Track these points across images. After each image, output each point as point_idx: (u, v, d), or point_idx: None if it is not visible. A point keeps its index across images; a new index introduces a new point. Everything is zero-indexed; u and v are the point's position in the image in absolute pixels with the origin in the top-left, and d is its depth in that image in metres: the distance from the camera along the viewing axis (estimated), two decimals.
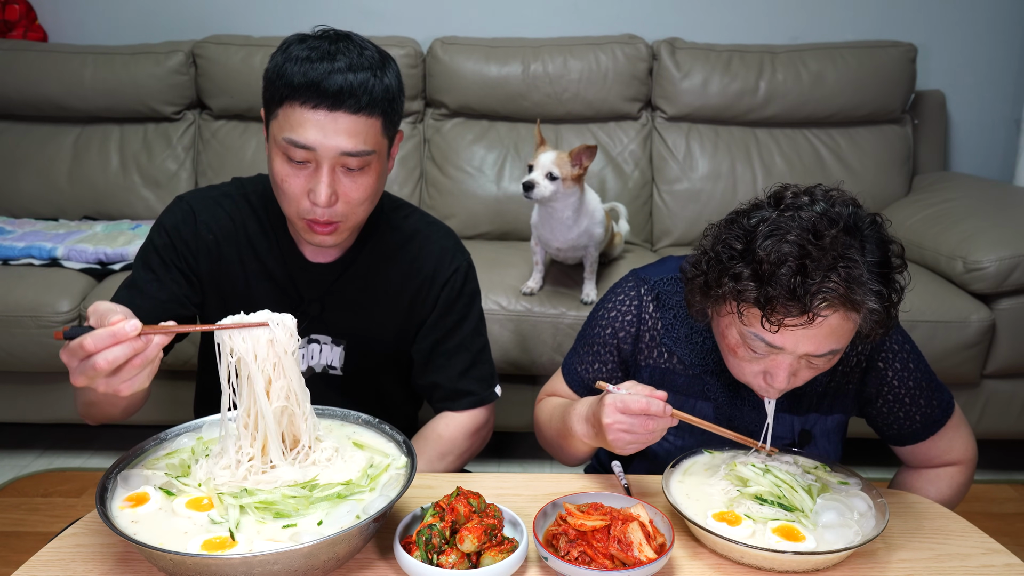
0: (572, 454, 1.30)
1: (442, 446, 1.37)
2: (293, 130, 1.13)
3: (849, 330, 1.05)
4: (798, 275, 0.99)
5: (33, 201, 2.82)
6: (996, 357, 2.27)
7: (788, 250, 1.00)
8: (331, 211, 1.18)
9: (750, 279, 1.02)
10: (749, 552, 0.96)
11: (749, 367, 1.12)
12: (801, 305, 0.99)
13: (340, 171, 1.17)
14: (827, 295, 0.98)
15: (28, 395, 2.36)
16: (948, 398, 1.29)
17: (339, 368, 1.37)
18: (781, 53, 2.87)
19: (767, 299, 1.00)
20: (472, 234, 2.82)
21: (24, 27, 2.99)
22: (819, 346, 1.04)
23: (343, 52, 1.14)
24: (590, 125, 2.91)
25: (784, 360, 1.07)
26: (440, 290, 1.36)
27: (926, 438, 1.28)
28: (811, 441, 1.26)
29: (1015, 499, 2.39)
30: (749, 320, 1.05)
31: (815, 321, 1.00)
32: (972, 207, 2.52)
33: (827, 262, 0.99)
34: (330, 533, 0.87)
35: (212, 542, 0.88)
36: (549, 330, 2.23)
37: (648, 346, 1.29)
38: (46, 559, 0.97)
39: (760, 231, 1.04)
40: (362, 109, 1.13)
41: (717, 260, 1.08)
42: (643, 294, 1.29)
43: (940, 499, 1.27)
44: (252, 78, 2.79)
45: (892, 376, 1.24)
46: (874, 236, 1.05)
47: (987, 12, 3.06)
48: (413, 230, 1.38)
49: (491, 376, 1.42)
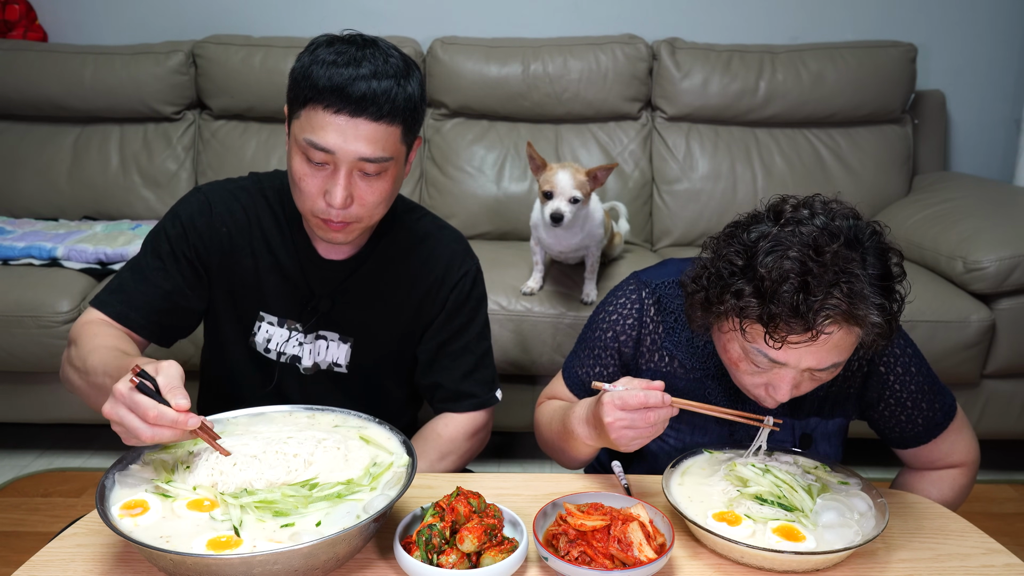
0: (574, 456, 1.30)
1: (442, 446, 1.37)
2: (314, 132, 1.14)
3: (851, 343, 1.06)
4: (800, 292, 0.99)
5: (33, 201, 2.82)
6: (996, 357, 2.27)
7: (790, 267, 1.00)
8: (345, 213, 1.19)
9: (752, 296, 1.02)
10: (749, 552, 0.96)
11: (751, 380, 1.12)
12: (805, 322, 0.99)
13: (357, 175, 1.17)
14: (830, 312, 0.99)
15: (28, 395, 2.36)
16: (951, 401, 1.29)
17: (344, 366, 1.38)
18: (781, 53, 2.87)
19: (770, 316, 1.00)
20: (472, 234, 2.82)
21: (24, 27, 2.99)
22: (821, 360, 1.05)
23: (368, 59, 1.14)
24: (590, 125, 2.91)
25: (787, 374, 1.08)
26: (449, 292, 1.37)
27: (928, 441, 1.28)
28: (812, 445, 1.26)
29: (1015, 499, 2.39)
30: (752, 336, 1.06)
31: (819, 339, 1.01)
32: (972, 207, 2.52)
33: (829, 278, 0.99)
34: (330, 533, 0.88)
35: (218, 541, 0.88)
36: (549, 330, 2.23)
37: (649, 350, 1.29)
38: (46, 559, 0.97)
39: (761, 247, 1.04)
40: (383, 117, 1.14)
41: (718, 276, 1.08)
42: (644, 298, 1.29)
43: (942, 501, 1.27)
44: (252, 78, 2.80)
45: (894, 380, 1.24)
46: (874, 248, 1.05)
47: (987, 12, 3.06)
48: (425, 233, 1.39)
49: (493, 380, 1.43)
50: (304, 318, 1.35)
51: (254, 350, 1.37)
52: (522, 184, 2.84)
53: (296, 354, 1.36)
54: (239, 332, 1.37)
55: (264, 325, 1.36)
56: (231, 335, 1.38)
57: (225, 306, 1.36)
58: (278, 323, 1.36)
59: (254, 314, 1.36)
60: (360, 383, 1.39)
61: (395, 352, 1.40)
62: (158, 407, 0.92)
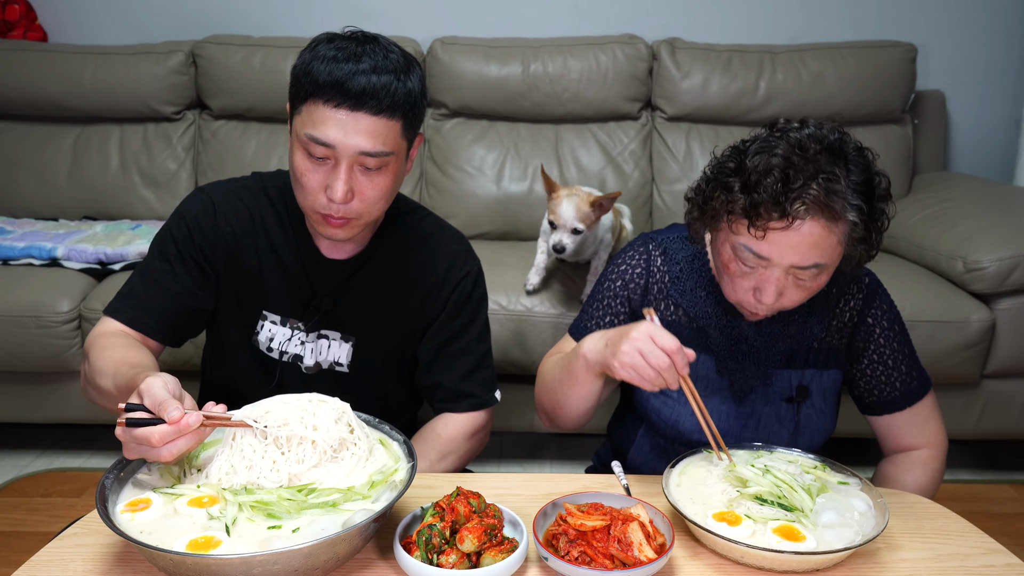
0: (568, 398, 1.31)
1: (442, 446, 1.37)
2: (315, 127, 1.15)
3: (832, 245, 1.11)
4: (780, 182, 1.08)
5: (33, 201, 2.82)
6: (996, 357, 2.27)
7: (776, 163, 1.09)
8: (346, 208, 1.19)
9: (740, 191, 1.12)
10: (749, 552, 0.96)
11: (741, 283, 1.18)
12: (781, 209, 1.07)
13: (358, 169, 1.18)
14: (806, 200, 1.07)
15: (28, 395, 2.36)
16: (926, 378, 1.36)
17: (345, 365, 1.38)
18: (781, 53, 2.87)
19: (753, 205, 1.09)
20: (472, 234, 2.82)
21: (24, 27, 2.99)
22: (804, 257, 1.11)
23: (368, 54, 1.15)
24: (590, 125, 2.91)
25: (772, 274, 1.14)
26: (450, 293, 1.38)
27: (903, 408, 1.34)
28: (808, 396, 1.31)
29: (1015, 499, 2.39)
30: (738, 229, 1.14)
31: (794, 224, 1.08)
32: (972, 207, 2.52)
33: (809, 172, 1.07)
34: (330, 533, 0.88)
35: (196, 542, 0.89)
36: (549, 330, 2.23)
37: (656, 298, 1.35)
38: (46, 559, 0.97)
39: (751, 149, 1.14)
40: (383, 111, 1.15)
41: (713, 178, 1.19)
42: (651, 249, 1.37)
43: (919, 486, 1.32)
44: (252, 78, 2.80)
45: (879, 334, 1.32)
46: (859, 161, 1.12)
47: (987, 12, 3.06)
48: (427, 233, 1.40)
49: (492, 381, 1.44)
50: (306, 317, 1.35)
51: (256, 349, 1.37)
52: (522, 184, 2.84)
53: (298, 353, 1.37)
54: (242, 331, 1.37)
55: (267, 324, 1.36)
56: (234, 334, 1.38)
57: (229, 305, 1.36)
58: (280, 322, 1.36)
59: (257, 313, 1.36)
60: (361, 382, 1.39)
61: (396, 352, 1.41)
62: (157, 430, 0.93)
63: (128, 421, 0.94)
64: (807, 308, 1.30)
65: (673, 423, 1.32)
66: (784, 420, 1.31)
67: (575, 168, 2.86)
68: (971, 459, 2.57)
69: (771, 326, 1.30)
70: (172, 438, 0.93)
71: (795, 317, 1.30)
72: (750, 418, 1.31)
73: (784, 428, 1.31)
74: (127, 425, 0.94)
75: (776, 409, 1.31)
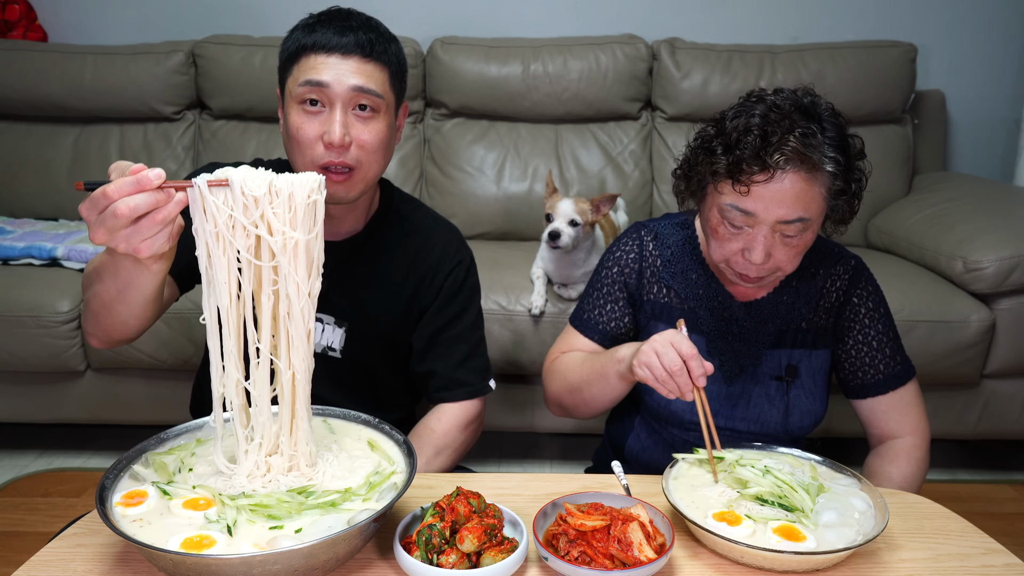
0: (595, 398, 1.35)
1: (436, 440, 1.38)
2: (307, 73, 1.21)
3: (814, 197, 1.17)
4: (760, 138, 1.14)
5: (33, 201, 2.82)
6: (996, 357, 2.27)
7: (755, 122, 1.16)
8: (345, 155, 1.22)
9: (722, 153, 1.18)
10: (749, 552, 0.96)
11: (730, 246, 1.22)
12: (762, 162, 1.13)
13: (352, 115, 1.22)
14: (785, 151, 1.13)
15: (28, 395, 2.36)
16: (911, 366, 1.39)
17: (339, 350, 1.39)
18: (781, 53, 2.87)
19: (735, 163, 1.15)
20: (472, 234, 2.83)
21: (24, 27, 2.99)
22: (788, 211, 1.16)
23: (354, 17, 1.25)
24: (590, 125, 2.91)
25: (759, 232, 1.18)
26: (444, 280, 1.40)
27: (887, 391, 1.36)
28: (797, 376, 1.34)
29: (1015, 499, 2.39)
30: (723, 189, 1.19)
31: (776, 176, 1.14)
32: (972, 207, 2.52)
33: (786, 126, 1.14)
34: (330, 533, 0.87)
35: (192, 540, 0.88)
36: (549, 330, 2.23)
37: (649, 281, 1.40)
38: (46, 559, 0.97)
39: (729, 114, 1.22)
40: (372, 56, 1.22)
41: (697, 146, 1.26)
42: (644, 235, 1.42)
43: (903, 476, 1.33)
44: (252, 78, 2.80)
45: (864, 314, 1.36)
46: (832, 120, 1.19)
47: (987, 12, 3.06)
48: (420, 222, 1.44)
49: (486, 370, 1.45)
50: None
51: None
52: (522, 184, 2.84)
53: None
54: None
55: None
56: None
57: None
58: None
59: None
60: (355, 369, 1.41)
61: (389, 338, 1.42)
62: (113, 184, 0.88)
63: (86, 184, 0.88)
64: (795, 289, 1.34)
65: (666, 404, 1.35)
66: (774, 400, 1.34)
67: (575, 168, 2.87)
68: (971, 459, 2.57)
69: (760, 307, 1.34)
70: (130, 190, 0.87)
71: (783, 298, 1.34)
72: (740, 398, 1.34)
73: (774, 407, 1.34)
74: (85, 188, 0.88)
75: (766, 389, 1.34)
